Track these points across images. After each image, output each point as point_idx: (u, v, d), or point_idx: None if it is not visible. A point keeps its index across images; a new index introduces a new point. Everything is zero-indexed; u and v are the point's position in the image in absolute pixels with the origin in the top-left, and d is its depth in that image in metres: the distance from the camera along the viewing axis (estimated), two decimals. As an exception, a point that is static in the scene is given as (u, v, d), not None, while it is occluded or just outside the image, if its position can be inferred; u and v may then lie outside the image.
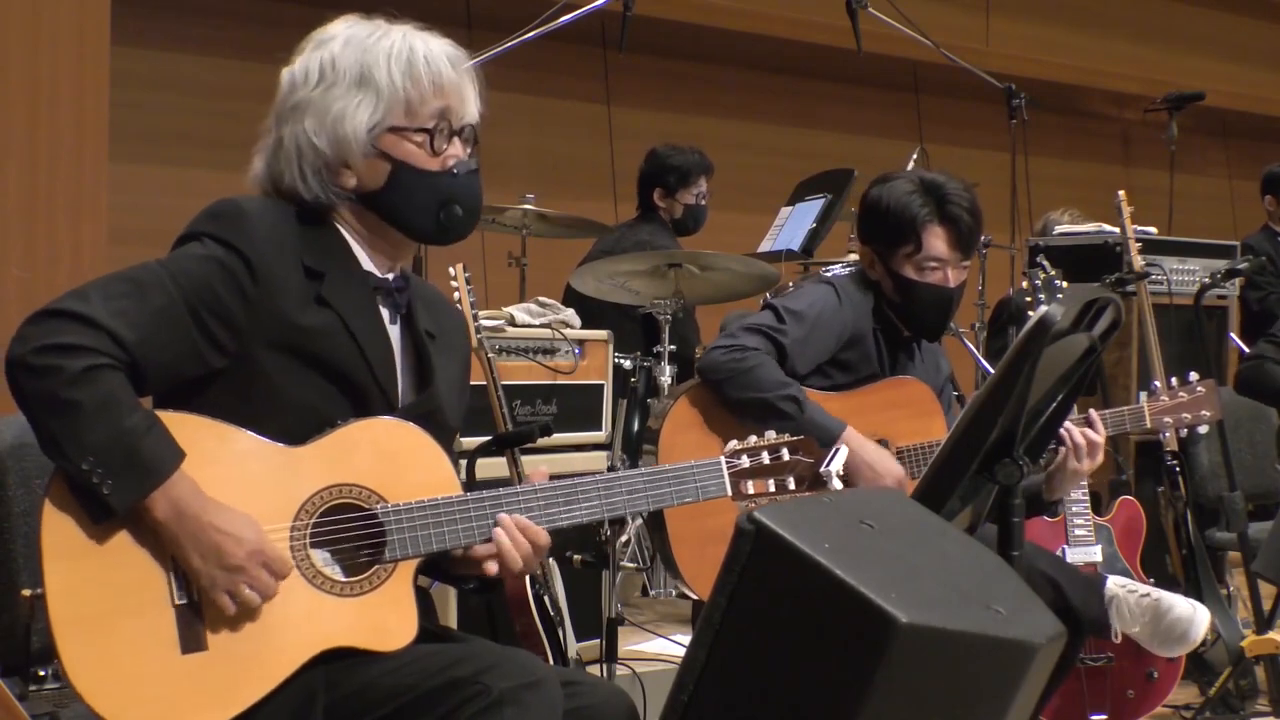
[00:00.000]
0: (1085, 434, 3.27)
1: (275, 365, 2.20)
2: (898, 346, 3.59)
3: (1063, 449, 3.28)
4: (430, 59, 2.30)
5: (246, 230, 2.20)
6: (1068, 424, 3.28)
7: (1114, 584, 3.78)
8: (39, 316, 2.07)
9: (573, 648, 3.74)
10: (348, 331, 2.25)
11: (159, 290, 2.13)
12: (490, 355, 3.77)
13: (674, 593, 5.18)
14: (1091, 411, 3.33)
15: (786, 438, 2.45)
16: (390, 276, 2.37)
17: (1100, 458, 3.32)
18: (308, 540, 2.18)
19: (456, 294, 3.72)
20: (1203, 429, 3.61)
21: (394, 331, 2.36)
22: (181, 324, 2.13)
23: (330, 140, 2.27)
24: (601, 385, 4.46)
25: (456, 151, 2.34)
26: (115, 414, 2.04)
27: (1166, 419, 3.52)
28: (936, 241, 3.47)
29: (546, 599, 3.55)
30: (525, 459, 3.67)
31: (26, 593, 2.45)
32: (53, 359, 2.02)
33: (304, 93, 2.29)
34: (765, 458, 2.43)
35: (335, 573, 2.20)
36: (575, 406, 4.37)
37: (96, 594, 2.06)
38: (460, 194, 2.33)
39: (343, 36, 2.32)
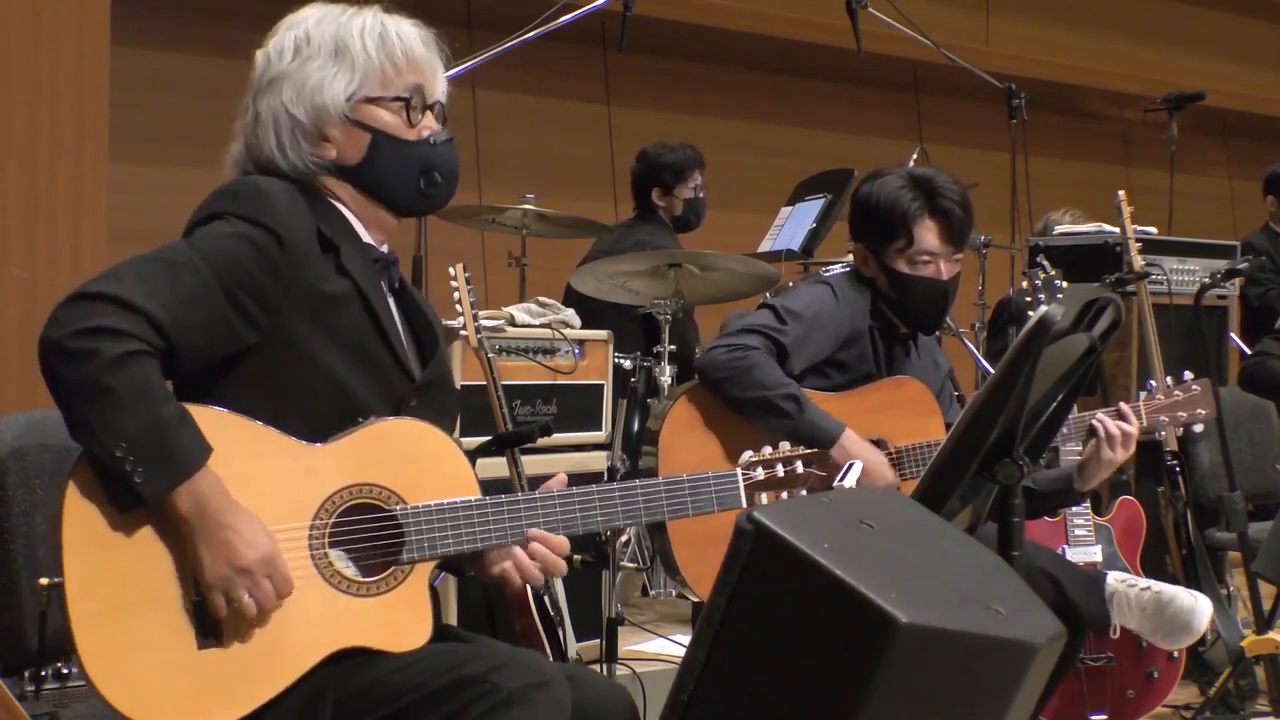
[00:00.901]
0: (1118, 425, 3.32)
1: (304, 336, 2.21)
2: (894, 343, 3.60)
3: (1095, 439, 3.31)
4: (402, 35, 2.36)
5: (270, 205, 2.21)
6: (1100, 415, 3.33)
7: (1114, 579, 3.79)
8: (74, 299, 2.05)
9: (573, 648, 3.74)
10: (363, 301, 2.27)
11: (192, 271, 2.12)
12: (490, 355, 3.76)
13: (674, 593, 5.18)
14: (1122, 405, 3.38)
15: (801, 450, 2.46)
16: (385, 249, 2.40)
17: (1133, 447, 3.36)
18: (327, 539, 2.18)
19: (456, 294, 3.72)
20: (1198, 427, 3.63)
21: (390, 304, 2.37)
22: (216, 304, 2.13)
23: (308, 109, 2.30)
24: (601, 385, 4.46)
25: (430, 124, 2.38)
26: (150, 403, 2.03)
27: (1163, 418, 3.54)
28: (928, 235, 3.49)
29: (546, 599, 3.55)
30: (525, 459, 3.68)
31: (44, 581, 2.42)
32: (90, 343, 2.01)
33: (280, 66, 2.32)
34: (780, 470, 2.44)
35: (353, 572, 2.20)
36: (575, 406, 4.37)
37: (116, 586, 2.05)
38: (439, 161, 2.38)
39: (315, 15, 2.36)
